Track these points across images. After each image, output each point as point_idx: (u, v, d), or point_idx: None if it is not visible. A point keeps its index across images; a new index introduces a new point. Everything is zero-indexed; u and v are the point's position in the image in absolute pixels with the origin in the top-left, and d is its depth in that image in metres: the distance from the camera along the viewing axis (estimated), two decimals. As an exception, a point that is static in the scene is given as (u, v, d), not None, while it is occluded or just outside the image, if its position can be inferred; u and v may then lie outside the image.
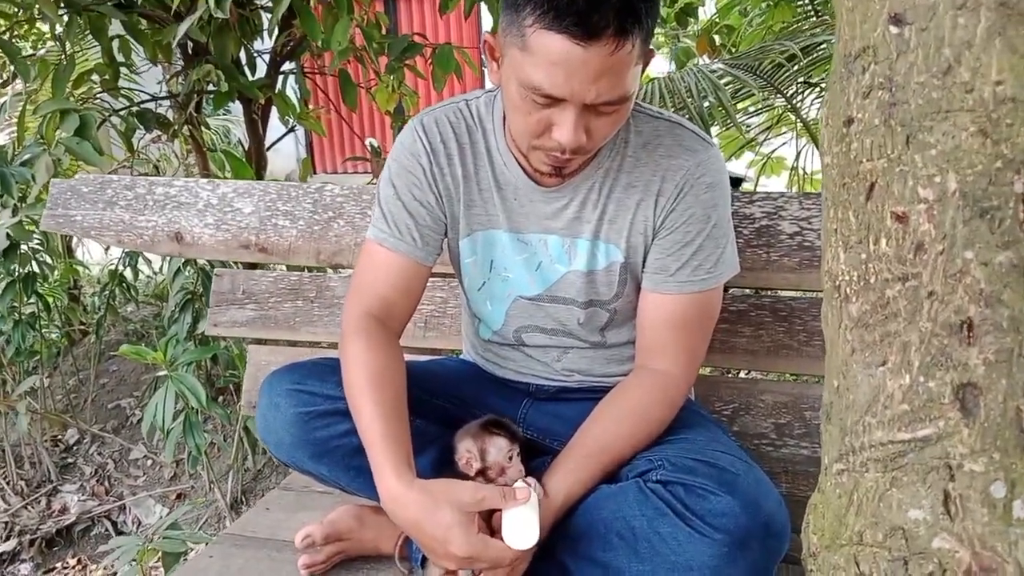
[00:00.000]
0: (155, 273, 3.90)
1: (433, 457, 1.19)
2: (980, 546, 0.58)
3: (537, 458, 1.22)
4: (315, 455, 1.17)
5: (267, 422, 1.19)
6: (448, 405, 1.28)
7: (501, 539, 1.03)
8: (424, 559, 1.15)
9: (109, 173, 3.23)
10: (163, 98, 2.96)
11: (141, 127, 2.79)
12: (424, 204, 1.22)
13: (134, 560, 1.76)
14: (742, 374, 2.16)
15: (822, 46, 2.94)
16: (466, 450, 1.09)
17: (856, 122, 0.59)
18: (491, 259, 1.25)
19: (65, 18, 2.45)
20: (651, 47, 1.04)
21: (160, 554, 1.78)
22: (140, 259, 3.29)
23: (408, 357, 1.23)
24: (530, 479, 1.08)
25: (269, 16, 2.54)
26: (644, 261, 1.20)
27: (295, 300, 1.67)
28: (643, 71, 1.06)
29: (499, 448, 1.07)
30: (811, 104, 3.32)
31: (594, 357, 1.29)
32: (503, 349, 1.33)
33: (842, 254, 0.62)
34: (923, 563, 0.59)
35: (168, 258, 2.54)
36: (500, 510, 1.04)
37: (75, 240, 3.66)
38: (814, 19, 3.31)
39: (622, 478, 1.12)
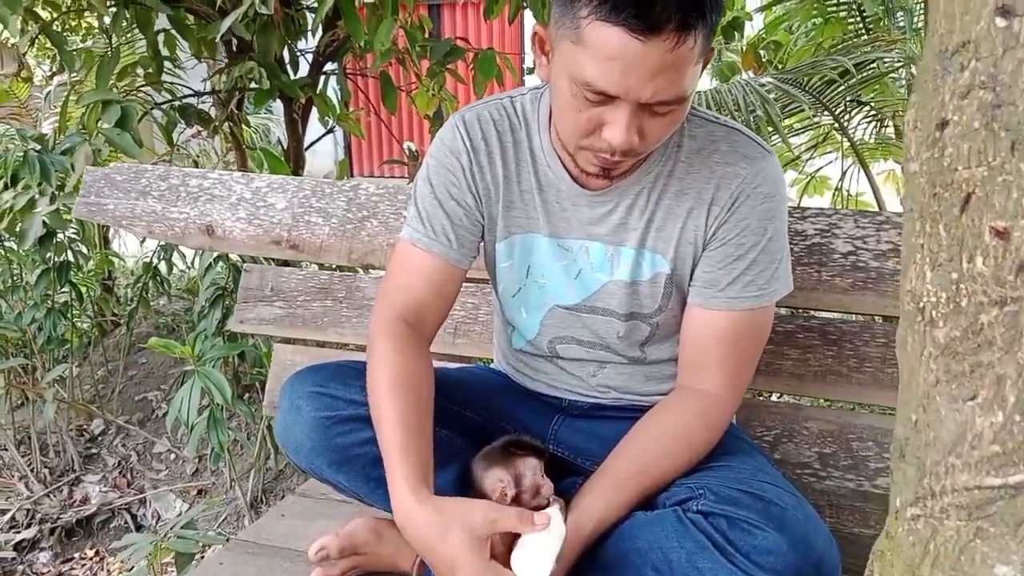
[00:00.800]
0: (189, 267, 3.92)
1: (459, 471, 1.13)
2: (1077, 611, 0.51)
3: (567, 478, 1.16)
4: (335, 462, 1.12)
5: (286, 425, 1.14)
6: (477, 417, 1.22)
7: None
8: None
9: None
10: (206, 94, 2.98)
11: (182, 122, 2.82)
12: (462, 204, 1.17)
13: (148, 557, 1.73)
14: (785, 397, 2.09)
15: (874, 64, 2.86)
16: (499, 480, 1.03)
17: (952, 125, 0.53)
18: (528, 264, 1.19)
19: (112, 10, 2.47)
20: (712, 46, 0.98)
21: (173, 553, 1.75)
22: (175, 253, 3.31)
23: (436, 364, 1.18)
24: (556, 499, 1.03)
25: (313, 16, 2.54)
26: (692, 274, 1.13)
27: (324, 300, 1.64)
28: (703, 70, 1.00)
29: (532, 468, 1.02)
30: (859, 124, 3.24)
31: (632, 373, 1.23)
32: (536, 360, 1.27)
33: (929, 272, 0.55)
34: (1011, 627, 0.52)
35: (200, 252, 2.53)
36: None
37: (112, 231, 3.70)
38: (865, 36, 3.24)
39: (659, 505, 1.05)
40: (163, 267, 3.30)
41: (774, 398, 1.99)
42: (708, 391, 1.11)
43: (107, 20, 2.57)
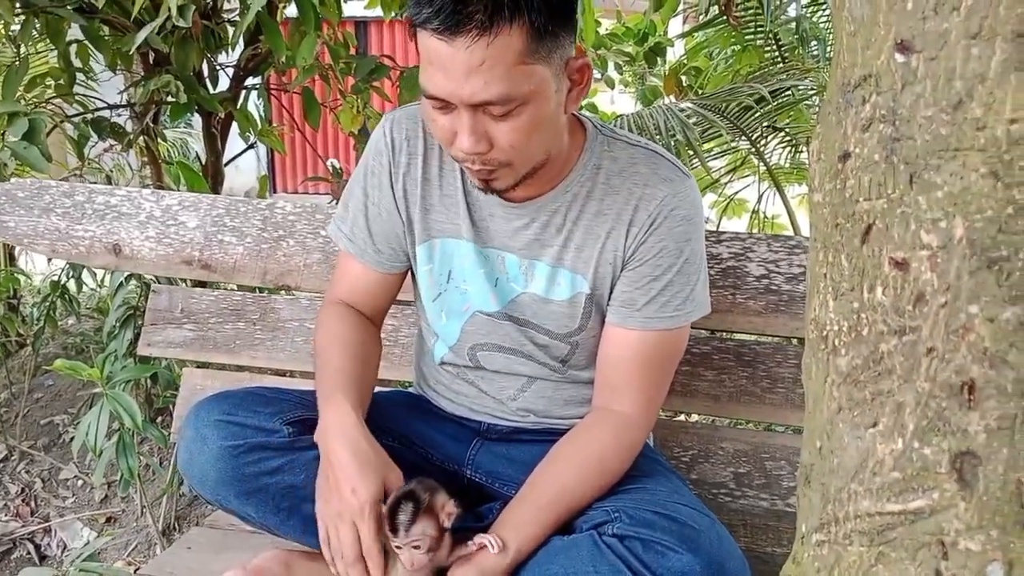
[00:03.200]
0: (100, 286, 3.78)
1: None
2: (974, 634, 0.52)
3: (485, 504, 1.15)
4: (242, 493, 1.08)
5: (191, 455, 1.10)
6: (395, 444, 1.20)
7: None
8: None
9: (61, 181, 3.13)
10: (119, 107, 2.89)
11: (95, 135, 2.72)
12: (381, 207, 1.19)
13: (45, 595, 1.64)
14: (700, 418, 2.13)
15: (788, 92, 2.98)
16: (396, 547, 1.02)
17: (853, 157, 0.54)
18: (449, 269, 1.19)
19: (21, 19, 2.37)
20: (571, 54, 1.00)
21: (75, 588, 1.66)
22: (84, 271, 3.18)
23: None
24: (487, 538, 1.02)
25: (234, 29, 2.49)
26: (610, 294, 1.14)
27: (236, 322, 1.58)
28: (568, 75, 1.01)
29: (420, 532, 1.01)
30: (775, 148, 3.36)
31: (553, 397, 1.22)
32: (457, 382, 1.26)
33: (831, 302, 0.56)
34: (912, 652, 0.53)
35: (111, 271, 2.44)
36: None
37: (18, 248, 3.54)
38: (781, 64, 3.36)
39: (576, 529, 1.05)
40: (72, 285, 3.16)
41: (692, 418, 2.02)
42: (622, 412, 1.12)
43: (14, 29, 2.47)
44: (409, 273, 1.27)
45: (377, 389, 1.39)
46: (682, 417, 2.04)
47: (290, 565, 1.17)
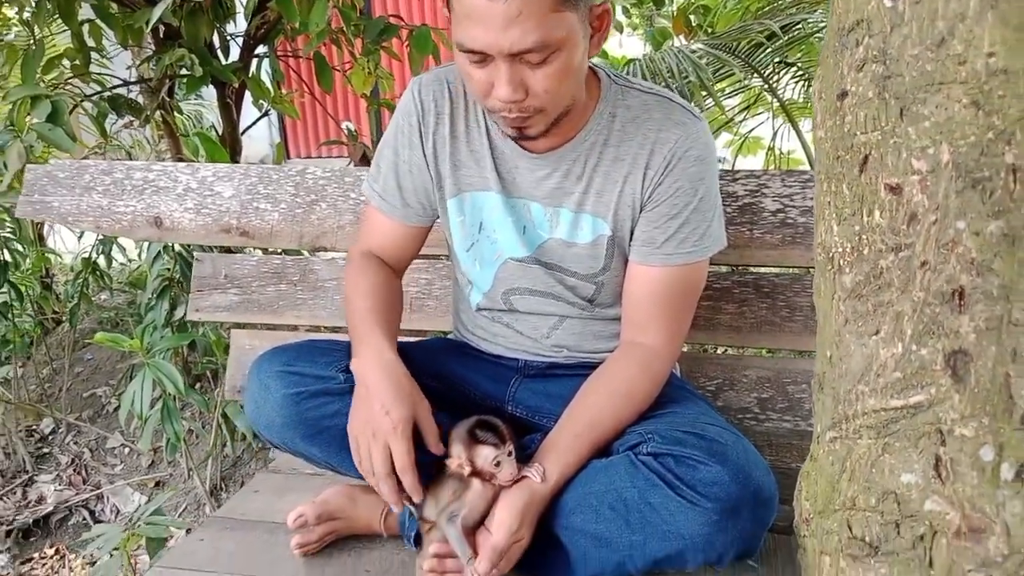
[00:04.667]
0: (129, 260, 3.86)
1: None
2: (969, 508, 0.59)
3: (526, 435, 1.24)
4: (307, 435, 1.17)
5: (257, 404, 1.19)
6: (438, 385, 1.28)
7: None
8: (418, 536, 1.16)
9: (83, 160, 3.19)
10: (135, 83, 2.92)
11: (113, 113, 2.76)
12: (412, 164, 1.26)
13: (116, 548, 1.75)
14: (726, 350, 2.19)
15: (799, 26, 2.96)
16: (457, 456, 1.10)
17: (850, 95, 0.60)
18: (480, 220, 1.26)
19: (34, 2, 2.41)
20: (594, 1, 1.05)
21: (143, 540, 1.77)
22: (114, 246, 3.25)
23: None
24: (532, 469, 1.10)
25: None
26: (631, 235, 1.21)
27: (278, 284, 1.66)
28: (589, 22, 1.07)
29: (484, 457, 1.08)
30: (788, 84, 3.35)
31: (583, 333, 1.30)
32: (494, 324, 1.34)
33: (836, 226, 0.62)
34: (915, 525, 0.61)
35: (147, 244, 2.51)
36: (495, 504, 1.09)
37: (46, 227, 3.61)
38: (790, -1, 3.33)
39: (613, 452, 1.13)
40: (102, 261, 3.24)
41: (716, 351, 2.09)
42: (648, 345, 1.19)
43: (28, 13, 2.50)
44: (434, 229, 1.35)
45: (416, 339, 1.48)
46: (707, 349, 2.11)
47: (353, 498, 1.27)
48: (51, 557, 2.78)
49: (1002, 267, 0.57)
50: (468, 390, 1.31)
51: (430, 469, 1.12)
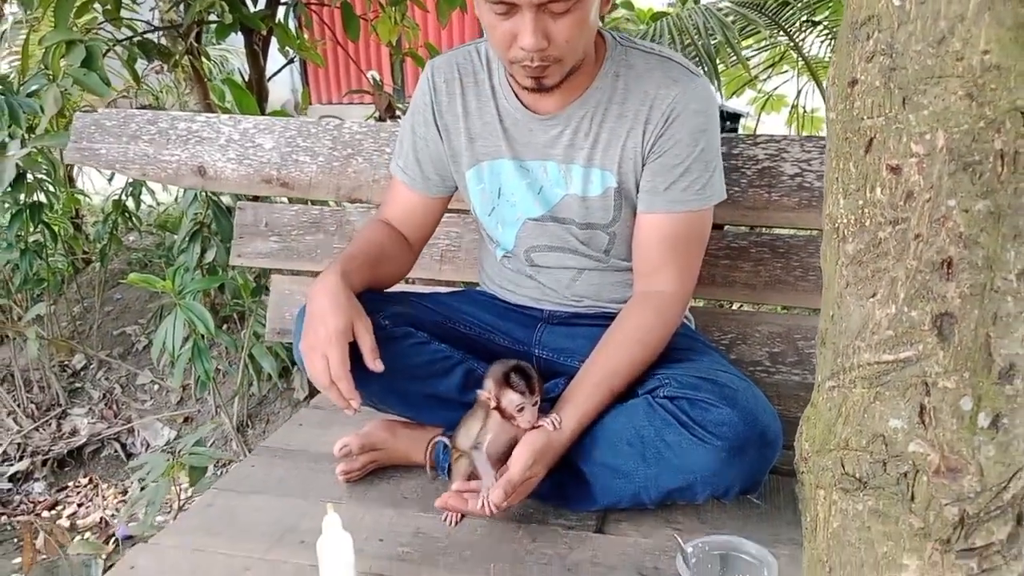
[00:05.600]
0: (158, 203, 3.92)
1: (459, 379, 1.29)
2: (948, 450, 0.68)
3: (552, 379, 1.33)
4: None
5: None
6: (469, 332, 1.38)
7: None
8: (449, 468, 1.27)
9: (110, 103, 3.23)
10: (166, 28, 2.96)
11: (143, 57, 2.80)
12: (428, 140, 1.36)
13: (162, 475, 1.87)
14: (741, 307, 2.26)
15: (827, -16, 2.96)
16: (488, 390, 1.19)
17: (859, 83, 0.67)
18: (499, 186, 1.35)
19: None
20: None
21: (187, 469, 1.90)
22: (143, 189, 3.31)
23: (426, 289, 1.33)
24: (549, 419, 1.18)
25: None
26: (637, 188, 1.28)
27: (316, 233, 1.75)
28: None
29: (510, 400, 1.17)
30: (813, 42, 3.35)
31: (601, 284, 1.39)
32: (518, 276, 1.43)
33: (842, 200, 0.70)
34: (899, 464, 0.70)
35: (181, 189, 2.58)
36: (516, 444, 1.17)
37: (76, 169, 3.68)
38: (821, -43, 3.30)
39: (635, 395, 1.23)
40: (131, 204, 3.30)
41: (732, 307, 2.17)
42: (660, 291, 1.28)
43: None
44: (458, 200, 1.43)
45: (447, 289, 1.57)
46: (723, 305, 2.19)
47: (394, 431, 1.38)
48: (85, 486, 2.90)
49: (987, 241, 0.65)
50: (497, 337, 1.40)
51: (467, 405, 1.22)
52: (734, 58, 2.76)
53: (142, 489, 2.03)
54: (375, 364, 1.17)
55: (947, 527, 0.69)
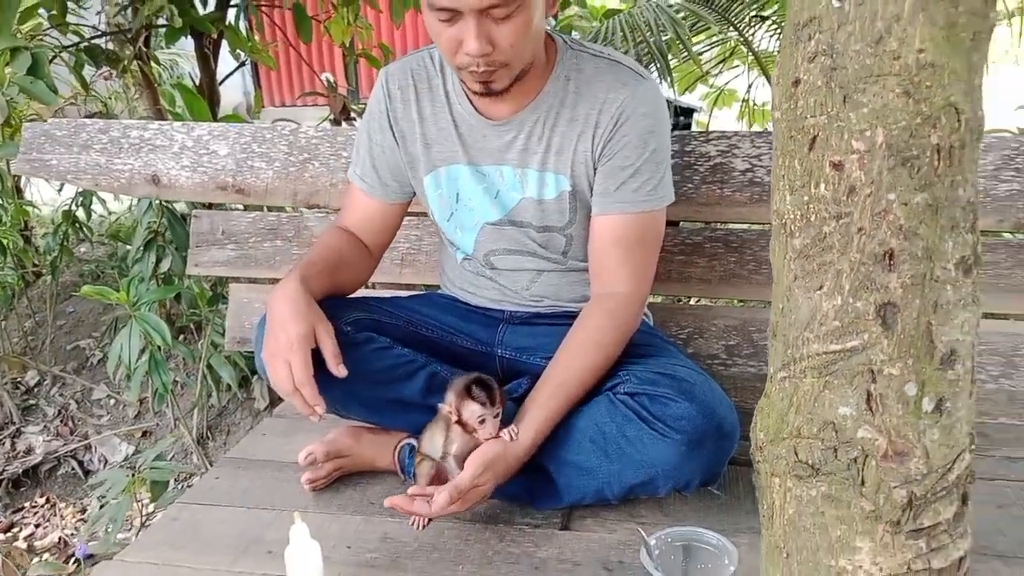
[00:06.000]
0: (109, 213, 3.84)
1: (422, 383, 1.30)
2: (895, 435, 0.71)
3: (514, 380, 1.35)
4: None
5: None
6: (432, 335, 1.39)
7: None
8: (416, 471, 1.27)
9: (56, 111, 3.15)
10: (113, 33, 2.90)
11: (91, 63, 2.75)
12: (384, 147, 1.36)
13: (123, 492, 1.84)
14: (697, 301, 2.30)
15: (775, -20, 3.02)
16: (449, 403, 1.19)
17: (802, 83, 0.69)
18: (456, 191, 1.36)
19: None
20: None
21: (148, 484, 1.87)
22: (94, 198, 3.24)
23: (388, 293, 1.34)
24: (508, 430, 1.19)
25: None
26: (591, 190, 1.30)
27: (274, 240, 1.74)
28: None
29: (471, 412, 1.17)
30: (762, 37, 3.41)
31: (560, 284, 1.40)
32: (479, 278, 1.44)
33: (788, 196, 0.72)
34: (849, 449, 0.72)
35: (137, 199, 2.53)
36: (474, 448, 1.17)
37: (24, 180, 3.59)
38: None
39: (598, 393, 1.24)
40: (82, 214, 3.23)
41: (688, 301, 2.20)
42: (614, 293, 1.29)
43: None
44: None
45: (407, 293, 1.57)
46: (679, 300, 2.22)
47: (358, 437, 1.38)
48: (42, 506, 2.83)
49: (926, 232, 0.67)
50: (460, 339, 1.41)
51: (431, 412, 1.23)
52: (686, 54, 2.80)
53: (102, 507, 1.99)
54: (338, 369, 1.17)
55: (896, 509, 0.72)
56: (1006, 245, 1.56)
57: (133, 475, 1.80)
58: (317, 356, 1.17)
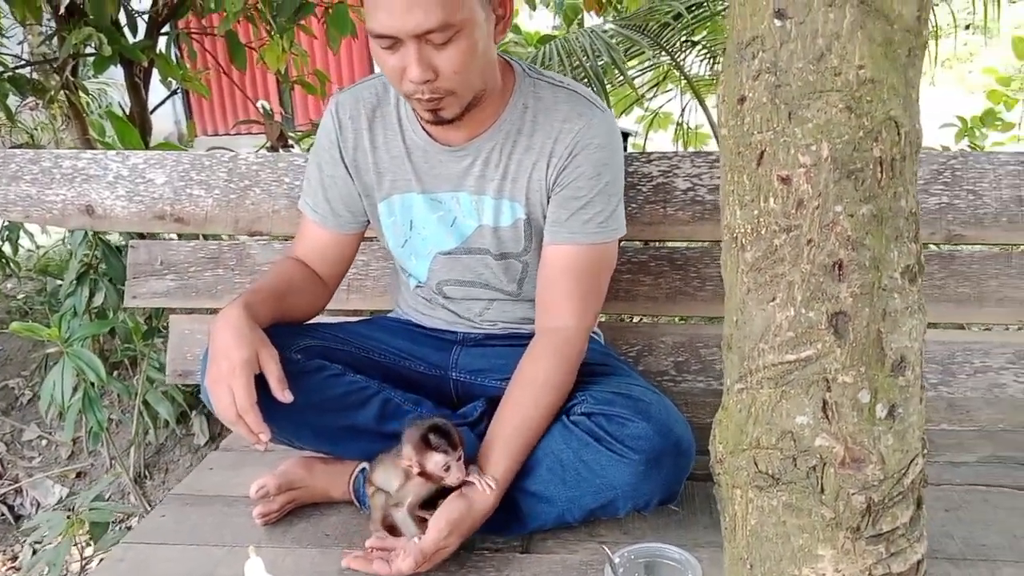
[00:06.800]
0: (37, 247, 3.72)
1: (376, 409, 1.27)
2: (851, 442, 0.72)
3: (469, 403, 1.33)
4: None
5: None
6: (384, 360, 1.37)
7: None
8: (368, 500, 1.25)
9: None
10: (39, 63, 2.83)
11: (16, 94, 2.67)
12: (336, 178, 1.34)
13: (60, 535, 1.76)
14: (643, 319, 2.32)
15: (704, 6, 3.11)
16: (408, 457, 1.15)
17: (748, 100, 0.71)
18: (410, 219, 1.35)
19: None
20: None
21: (87, 526, 1.79)
22: (21, 232, 3.13)
23: (336, 320, 1.31)
24: (483, 482, 1.16)
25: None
26: (545, 219, 1.30)
27: (215, 269, 1.70)
28: (492, 8, 1.16)
29: (435, 463, 1.14)
30: (693, 61, 3.50)
31: (512, 311, 1.40)
32: (430, 305, 1.43)
33: (738, 211, 0.74)
34: (808, 458, 0.73)
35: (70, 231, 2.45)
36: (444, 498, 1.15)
37: (-56, 215, 3.44)
38: (696, -21, 3.47)
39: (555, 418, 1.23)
40: (8, 249, 3.12)
41: (635, 320, 2.23)
42: (560, 328, 1.27)
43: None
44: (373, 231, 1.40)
45: (356, 319, 1.55)
46: (627, 319, 2.25)
47: (310, 468, 1.34)
48: (-29, 555, 2.71)
49: (872, 242, 0.69)
50: (413, 363, 1.39)
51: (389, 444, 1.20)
52: (621, 78, 2.85)
53: (35, 553, 1.90)
54: (284, 395, 1.13)
55: (856, 515, 0.73)
56: (939, 256, 1.62)
57: (71, 517, 1.72)
58: (263, 383, 1.14)
